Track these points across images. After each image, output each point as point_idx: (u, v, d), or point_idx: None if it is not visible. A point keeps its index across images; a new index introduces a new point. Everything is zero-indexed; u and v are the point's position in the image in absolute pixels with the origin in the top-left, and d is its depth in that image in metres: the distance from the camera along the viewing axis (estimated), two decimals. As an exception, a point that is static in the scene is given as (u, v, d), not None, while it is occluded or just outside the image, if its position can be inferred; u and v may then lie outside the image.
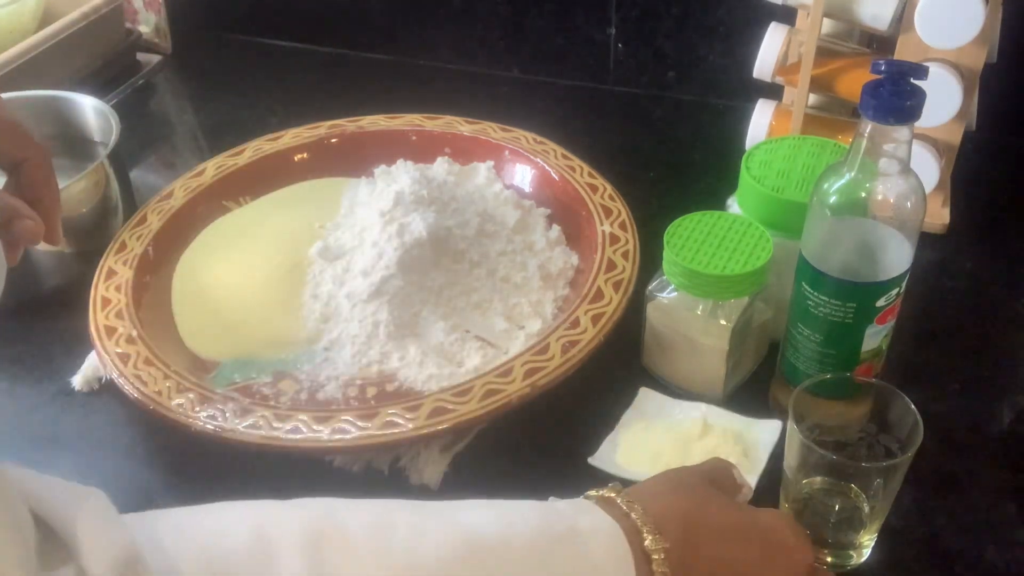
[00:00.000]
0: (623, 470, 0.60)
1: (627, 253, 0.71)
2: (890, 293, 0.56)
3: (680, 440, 0.62)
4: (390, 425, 0.58)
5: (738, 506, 0.51)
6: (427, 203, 0.72)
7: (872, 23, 0.75)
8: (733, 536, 0.48)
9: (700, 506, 0.48)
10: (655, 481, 0.51)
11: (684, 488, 0.50)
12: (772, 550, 0.48)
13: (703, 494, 0.50)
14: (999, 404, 0.66)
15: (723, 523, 0.48)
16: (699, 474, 0.52)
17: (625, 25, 1.00)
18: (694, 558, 0.46)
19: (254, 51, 1.13)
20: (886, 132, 0.51)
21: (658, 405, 0.65)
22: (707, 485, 0.51)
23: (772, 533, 0.49)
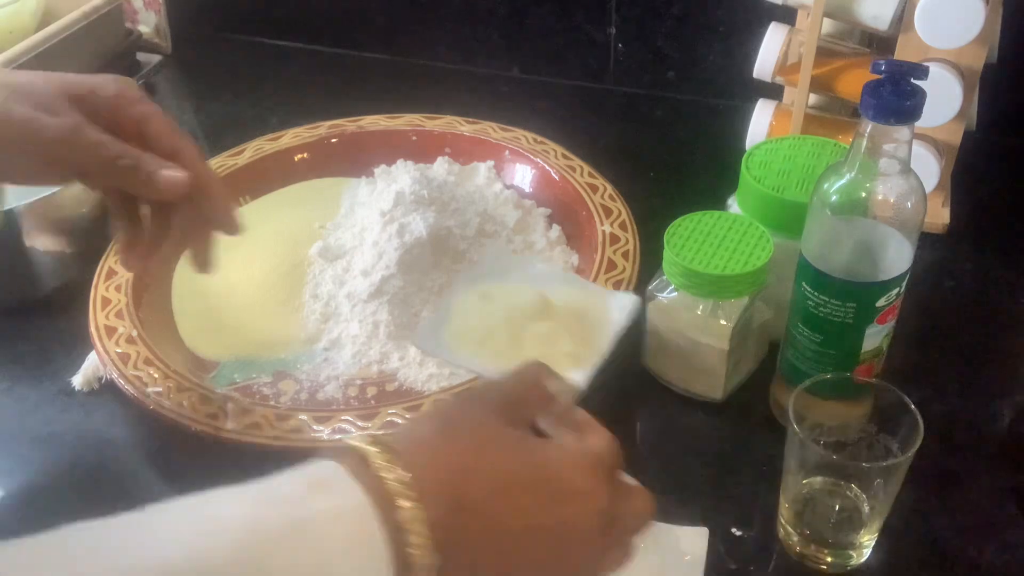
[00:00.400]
0: (449, 351, 0.54)
1: (627, 253, 0.71)
2: (890, 293, 0.56)
3: (515, 321, 0.55)
4: (390, 425, 0.58)
5: (525, 445, 0.42)
6: (427, 203, 0.72)
7: (872, 23, 0.75)
8: (515, 487, 0.40)
9: (478, 452, 0.40)
10: (426, 422, 0.43)
11: (460, 431, 0.42)
12: (562, 498, 0.41)
13: (483, 435, 0.42)
14: (999, 404, 0.66)
15: (504, 472, 0.40)
16: (486, 403, 0.44)
17: (625, 25, 1.00)
18: (466, 522, 0.39)
19: (254, 51, 1.13)
20: (886, 132, 0.51)
21: (503, 266, 0.59)
22: (494, 418, 0.43)
23: (563, 477, 0.41)
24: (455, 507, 0.38)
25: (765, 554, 0.57)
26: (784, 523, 0.56)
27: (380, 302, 0.66)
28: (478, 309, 0.56)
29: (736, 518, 0.58)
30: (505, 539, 0.40)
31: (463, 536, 0.39)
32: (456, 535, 0.38)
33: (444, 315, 0.56)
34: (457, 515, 0.38)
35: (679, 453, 0.63)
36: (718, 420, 0.65)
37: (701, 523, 0.57)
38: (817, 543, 0.55)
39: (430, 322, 0.55)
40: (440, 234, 0.70)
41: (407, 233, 0.69)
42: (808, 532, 0.55)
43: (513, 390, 0.45)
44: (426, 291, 0.68)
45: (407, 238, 0.68)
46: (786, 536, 0.57)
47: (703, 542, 0.56)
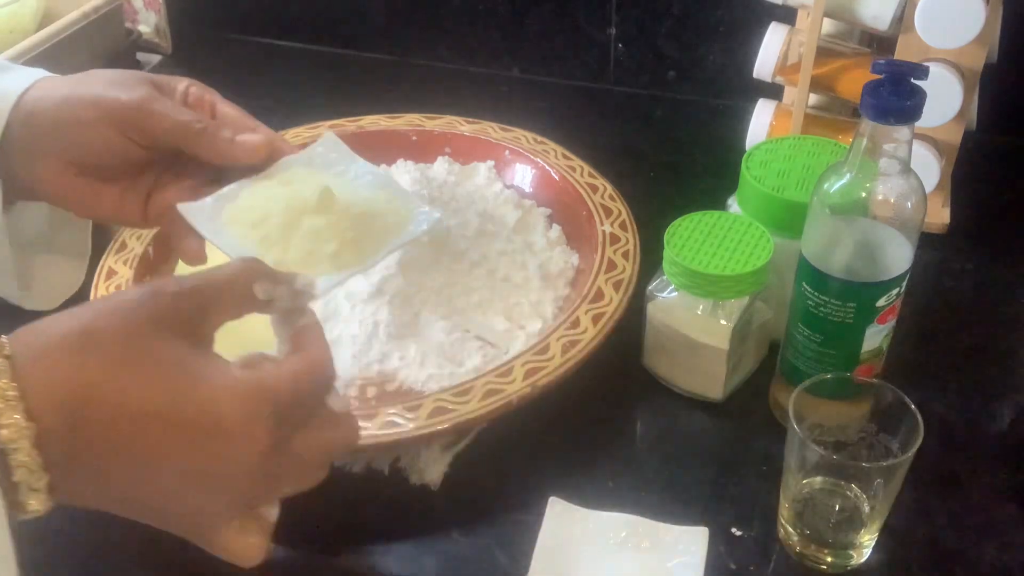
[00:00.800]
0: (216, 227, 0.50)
1: (627, 253, 0.71)
2: (890, 293, 0.56)
3: (294, 210, 0.51)
4: (390, 425, 0.58)
5: (179, 369, 0.37)
6: (427, 203, 0.72)
7: (872, 23, 0.75)
8: (150, 421, 0.36)
9: (112, 375, 0.36)
10: (65, 323, 0.37)
11: (100, 343, 0.36)
12: (207, 440, 0.37)
13: (129, 351, 0.36)
14: (999, 404, 0.66)
15: (140, 403, 0.36)
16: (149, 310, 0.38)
17: (625, 25, 1.00)
18: (85, 446, 0.35)
19: (254, 51, 1.13)
20: (886, 132, 0.51)
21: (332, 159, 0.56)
22: (152, 329, 0.37)
23: (212, 416, 0.37)
24: (72, 428, 0.35)
25: (765, 554, 0.57)
26: (784, 523, 0.56)
27: (380, 302, 0.66)
28: (267, 191, 0.53)
29: (736, 518, 0.58)
30: (134, 468, 0.36)
31: (82, 458, 0.35)
32: (73, 455, 0.35)
33: (237, 190, 0.52)
34: (75, 436, 0.35)
35: (679, 453, 0.63)
36: (718, 420, 0.65)
37: (701, 523, 0.57)
38: (817, 543, 0.55)
39: (220, 195, 0.52)
40: (440, 234, 0.70)
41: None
42: (808, 532, 0.55)
43: (195, 293, 0.40)
44: (426, 291, 0.68)
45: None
46: (786, 536, 0.57)
47: (703, 542, 0.56)
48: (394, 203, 0.55)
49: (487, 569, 0.56)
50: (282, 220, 0.51)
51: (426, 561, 0.57)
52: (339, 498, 0.61)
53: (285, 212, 0.51)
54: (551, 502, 0.58)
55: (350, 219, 0.52)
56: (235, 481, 0.38)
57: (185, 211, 0.52)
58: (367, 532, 0.59)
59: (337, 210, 0.52)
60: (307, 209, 0.51)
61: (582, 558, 0.56)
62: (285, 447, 0.39)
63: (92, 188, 0.53)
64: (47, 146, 0.52)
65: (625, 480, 0.61)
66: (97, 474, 0.36)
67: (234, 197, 0.53)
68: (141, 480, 0.37)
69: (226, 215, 0.52)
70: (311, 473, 0.42)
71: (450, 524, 0.59)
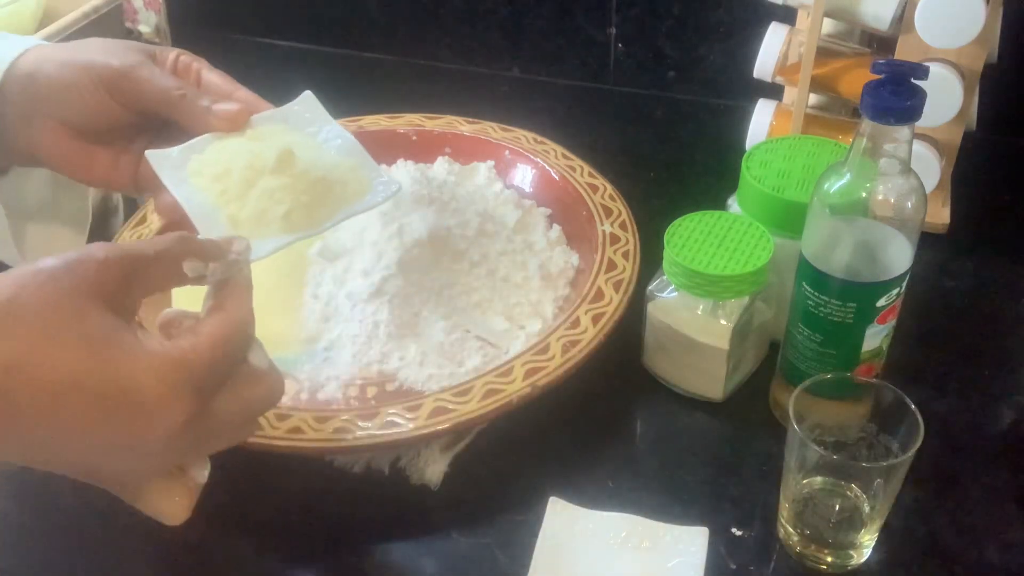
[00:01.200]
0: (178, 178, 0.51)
1: (627, 253, 0.71)
2: (891, 293, 0.56)
3: (254, 167, 0.52)
4: (390, 425, 0.58)
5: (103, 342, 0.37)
6: (427, 203, 0.72)
7: (873, 23, 0.75)
8: (71, 393, 0.36)
9: (33, 346, 0.36)
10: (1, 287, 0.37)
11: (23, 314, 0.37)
12: (120, 411, 0.37)
13: (52, 323, 0.37)
14: (999, 404, 0.66)
15: (61, 375, 0.36)
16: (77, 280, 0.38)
17: (625, 25, 1.00)
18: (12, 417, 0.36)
19: (254, 51, 1.13)
20: (886, 132, 0.51)
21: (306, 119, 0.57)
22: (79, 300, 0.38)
23: (132, 390, 0.37)
24: None
25: (765, 554, 0.57)
26: (784, 523, 0.56)
27: (380, 302, 0.66)
28: (235, 146, 0.53)
29: (736, 518, 0.58)
30: (56, 437, 0.37)
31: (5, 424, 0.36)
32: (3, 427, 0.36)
33: (206, 143, 0.53)
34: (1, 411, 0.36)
35: (679, 453, 0.63)
36: (718, 420, 0.65)
37: (701, 523, 0.57)
38: (817, 543, 0.55)
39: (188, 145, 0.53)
40: (440, 234, 0.70)
41: (407, 233, 0.69)
42: (808, 532, 0.55)
43: (123, 263, 0.40)
44: (426, 291, 0.68)
45: (407, 238, 0.68)
46: (786, 536, 0.57)
47: (703, 542, 0.56)
48: (357, 172, 0.55)
49: (487, 569, 0.56)
50: (241, 177, 0.51)
51: (426, 561, 0.57)
52: (339, 498, 0.61)
53: (245, 169, 0.52)
54: (551, 502, 0.58)
55: (307, 183, 0.52)
56: (157, 451, 0.39)
57: (152, 157, 0.52)
58: (367, 532, 0.59)
59: (295, 172, 0.52)
60: (266, 169, 0.52)
61: (582, 558, 0.56)
62: (206, 412, 0.40)
63: (86, 151, 0.55)
64: (44, 108, 0.53)
65: (625, 480, 0.61)
66: (20, 439, 0.37)
67: (201, 149, 0.53)
68: (65, 448, 0.38)
69: (191, 166, 0.52)
70: (236, 432, 0.43)
71: (450, 524, 0.59)
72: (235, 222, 0.51)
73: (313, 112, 0.58)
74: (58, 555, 0.58)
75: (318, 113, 0.58)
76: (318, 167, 0.53)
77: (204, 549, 0.58)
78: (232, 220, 0.51)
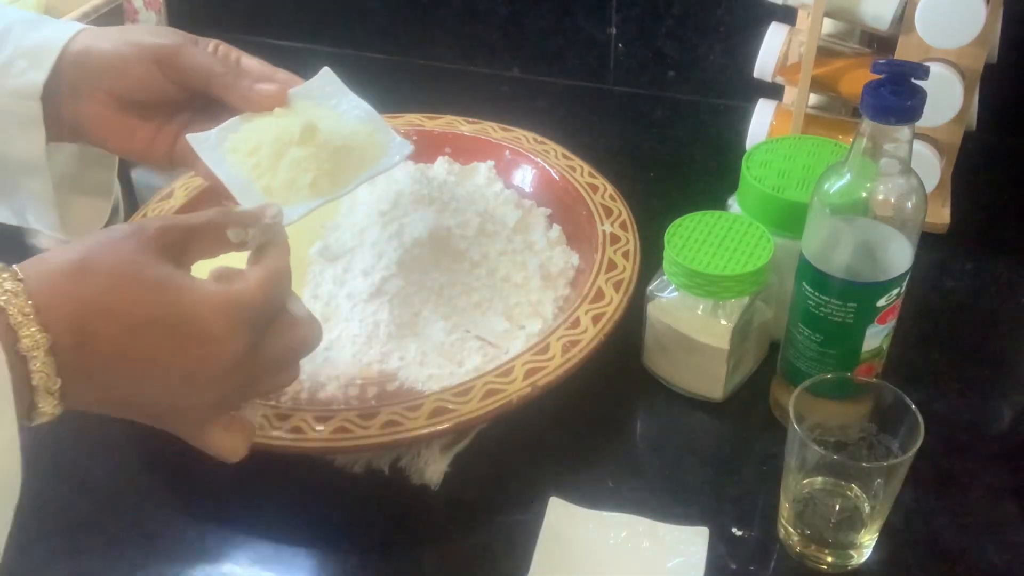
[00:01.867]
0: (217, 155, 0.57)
1: (627, 253, 0.71)
2: (891, 293, 0.56)
3: (281, 141, 0.57)
4: (391, 425, 0.58)
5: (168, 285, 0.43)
6: (427, 203, 0.72)
7: (873, 23, 0.75)
8: (144, 329, 0.42)
9: (110, 291, 0.41)
10: (65, 260, 0.42)
11: (99, 265, 0.42)
12: (193, 344, 0.43)
13: (124, 272, 0.42)
14: (999, 404, 0.66)
15: (135, 313, 0.42)
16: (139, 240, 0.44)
17: (625, 25, 1.00)
18: (90, 353, 0.41)
19: (254, 51, 1.12)
20: (887, 132, 0.51)
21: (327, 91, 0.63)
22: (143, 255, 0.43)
23: (197, 323, 0.43)
24: (80, 339, 0.40)
25: (765, 554, 0.57)
26: (784, 523, 0.56)
27: (380, 302, 0.66)
28: (264, 123, 0.59)
29: (736, 518, 0.58)
30: (134, 372, 0.42)
31: (89, 366, 0.41)
32: (81, 364, 0.41)
33: (239, 123, 0.59)
34: (82, 346, 0.41)
35: (679, 453, 0.64)
36: (718, 420, 0.65)
37: (701, 523, 0.57)
38: (817, 543, 0.55)
39: (223, 127, 0.59)
40: (440, 234, 0.70)
41: (407, 233, 0.69)
42: (808, 532, 0.55)
43: (177, 229, 0.46)
44: (426, 291, 0.68)
45: (407, 238, 0.68)
46: (786, 536, 0.57)
47: (703, 542, 0.56)
48: (373, 137, 0.60)
49: (487, 569, 0.56)
50: (271, 150, 0.57)
51: (426, 561, 0.57)
52: (339, 498, 0.61)
53: (274, 143, 0.57)
54: (551, 502, 0.59)
55: (329, 151, 0.57)
56: (219, 381, 0.44)
57: (192, 141, 0.58)
58: (367, 532, 0.59)
59: (318, 143, 0.57)
60: (292, 141, 0.57)
61: (582, 558, 0.56)
62: (258, 348, 0.45)
63: (129, 126, 0.59)
64: (96, 82, 0.57)
65: (625, 480, 0.61)
66: (102, 378, 0.42)
67: (236, 128, 0.58)
68: (139, 382, 0.43)
69: (228, 144, 0.58)
70: (282, 373, 0.48)
71: (450, 524, 0.59)
72: (269, 192, 0.57)
73: (333, 86, 0.63)
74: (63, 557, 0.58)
75: (337, 87, 0.63)
76: (338, 136, 0.59)
77: (204, 549, 0.58)
78: (266, 190, 0.57)
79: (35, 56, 0.56)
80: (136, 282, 0.42)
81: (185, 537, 0.59)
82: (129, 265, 0.42)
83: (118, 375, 0.42)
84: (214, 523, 0.60)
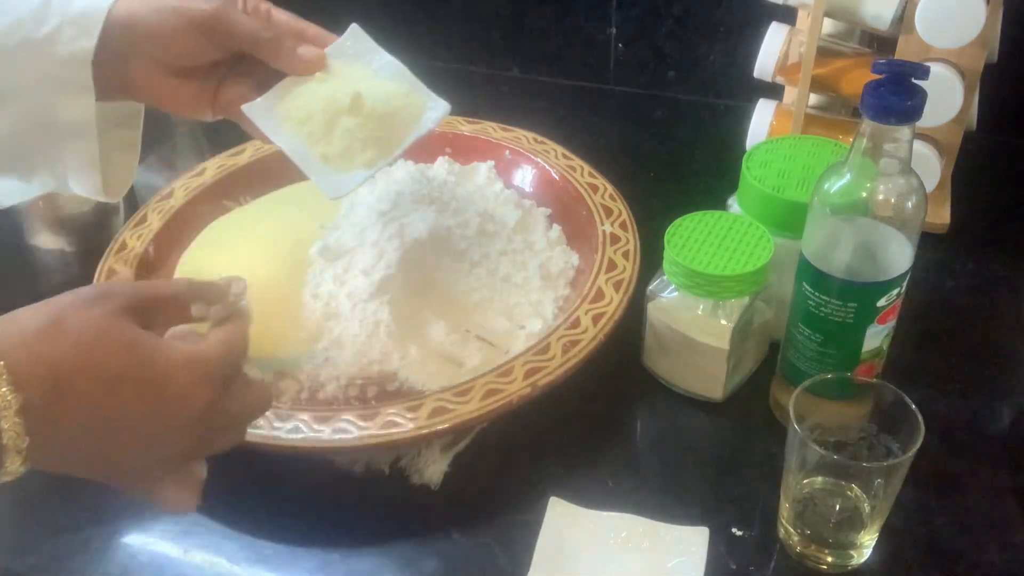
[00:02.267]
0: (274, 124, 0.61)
1: (628, 253, 0.71)
2: (891, 293, 0.56)
3: (331, 111, 0.61)
4: (391, 425, 0.58)
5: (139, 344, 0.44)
6: (427, 203, 0.72)
7: (873, 23, 0.75)
8: (116, 386, 0.43)
9: (84, 351, 0.43)
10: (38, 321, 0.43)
11: (71, 326, 0.43)
12: (162, 399, 0.44)
13: (97, 332, 0.43)
14: (999, 404, 0.66)
15: (109, 370, 0.43)
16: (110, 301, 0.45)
17: (625, 25, 1.00)
18: (63, 411, 0.42)
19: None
20: (887, 132, 0.51)
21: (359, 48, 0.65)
22: (113, 315, 0.44)
23: (165, 379, 0.44)
24: (53, 397, 0.41)
25: (765, 554, 0.57)
26: (784, 523, 0.56)
27: (381, 302, 0.66)
28: (310, 90, 0.62)
29: (736, 518, 0.58)
30: (104, 427, 0.43)
31: (59, 423, 0.42)
32: (51, 422, 0.42)
33: (285, 89, 0.62)
34: (54, 404, 0.41)
35: (679, 453, 0.64)
36: (718, 420, 0.65)
37: (701, 523, 0.57)
38: (817, 543, 0.55)
39: (271, 95, 0.62)
40: (440, 234, 0.70)
41: (407, 233, 0.69)
42: (808, 532, 0.55)
43: (149, 295, 0.47)
44: (426, 291, 0.68)
45: (407, 238, 0.68)
46: (786, 536, 0.57)
47: (703, 542, 0.56)
48: (411, 97, 0.64)
49: (487, 569, 0.56)
50: (323, 119, 0.61)
51: (426, 561, 0.57)
52: (339, 498, 0.61)
53: (324, 112, 0.61)
54: (551, 502, 0.59)
55: (376, 119, 0.61)
56: (180, 435, 0.45)
57: (248, 111, 0.62)
58: (367, 532, 0.59)
59: (366, 112, 0.61)
60: (342, 111, 0.61)
61: (582, 558, 0.56)
62: (216, 406, 0.46)
63: (175, 86, 0.62)
64: (142, 51, 0.60)
65: (625, 480, 0.61)
66: (70, 436, 0.43)
67: (284, 95, 0.62)
68: (107, 438, 0.44)
69: (280, 111, 0.62)
70: (234, 432, 0.49)
71: (450, 524, 0.59)
72: (327, 160, 0.61)
73: (363, 43, 0.66)
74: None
75: (368, 44, 0.66)
76: (383, 102, 0.62)
77: (205, 548, 0.58)
78: (324, 158, 0.61)
79: (82, 24, 0.58)
80: (109, 340, 0.43)
81: (185, 537, 0.59)
82: (102, 325, 0.44)
83: (87, 432, 0.43)
84: (214, 523, 0.60)
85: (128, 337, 0.44)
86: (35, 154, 0.62)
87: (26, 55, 0.58)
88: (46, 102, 0.59)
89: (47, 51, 0.58)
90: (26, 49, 0.58)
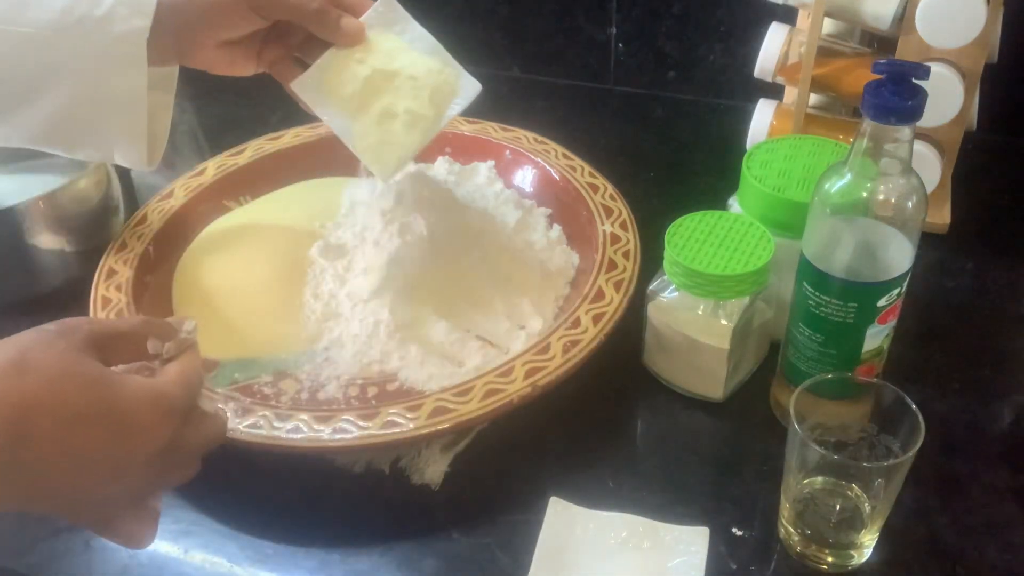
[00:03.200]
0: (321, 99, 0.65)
1: (628, 253, 0.71)
2: (891, 293, 0.56)
3: (370, 88, 0.64)
4: (391, 425, 0.58)
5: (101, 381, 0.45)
6: (428, 202, 0.72)
7: (873, 23, 0.75)
8: (81, 422, 0.43)
9: (50, 387, 0.43)
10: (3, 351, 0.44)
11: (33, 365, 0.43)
12: (125, 434, 0.45)
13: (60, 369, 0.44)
14: (999, 404, 0.66)
15: (75, 407, 0.43)
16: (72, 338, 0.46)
17: (625, 25, 1.00)
18: (28, 450, 0.42)
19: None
20: (887, 132, 0.51)
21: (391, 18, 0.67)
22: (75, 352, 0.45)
23: (129, 415, 0.45)
24: (18, 435, 0.42)
25: (765, 554, 0.57)
26: (785, 523, 0.56)
27: (381, 301, 0.66)
28: (349, 64, 0.65)
29: (736, 518, 0.58)
30: (69, 464, 0.43)
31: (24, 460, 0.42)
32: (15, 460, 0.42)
33: (326, 63, 0.65)
34: (19, 442, 0.42)
35: (679, 453, 0.63)
36: (718, 420, 0.65)
37: (701, 523, 0.57)
38: (818, 543, 0.55)
39: (315, 68, 0.65)
40: (440, 234, 0.70)
41: (408, 232, 0.69)
42: (809, 532, 0.55)
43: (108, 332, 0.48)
44: (427, 291, 0.68)
45: (408, 237, 0.68)
46: (787, 536, 0.57)
47: (703, 542, 0.56)
48: (444, 73, 0.66)
49: (487, 569, 0.56)
50: (363, 96, 0.64)
51: (426, 561, 0.57)
52: (339, 498, 0.61)
53: (363, 90, 0.64)
54: (551, 502, 0.59)
55: (414, 96, 0.64)
56: (142, 469, 0.46)
57: (296, 88, 0.66)
58: (367, 532, 0.59)
59: (406, 91, 0.64)
60: (383, 89, 0.64)
61: (582, 558, 0.56)
62: (178, 440, 0.47)
63: (226, 52, 0.67)
64: (196, 26, 0.64)
65: (625, 480, 0.61)
66: (34, 473, 0.43)
67: (326, 66, 0.65)
68: (71, 473, 0.44)
69: (324, 87, 0.65)
70: (190, 466, 0.49)
71: (450, 524, 0.59)
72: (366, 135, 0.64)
73: (395, 12, 0.68)
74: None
75: (399, 13, 0.68)
76: (420, 80, 0.65)
77: (205, 548, 0.58)
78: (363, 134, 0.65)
79: (135, 4, 0.62)
80: (74, 376, 0.44)
81: (185, 537, 0.59)
82: (66, 360, 0.44)
83: (52, 468, 0.43)
84: (214, 523, 0.60)
85: (92, 373, 0.44)
86: (85, 127, 0.66)
87: (82, 33, 0.62)
88: (100, 77, 0.63)
89: (103, 29, 0.62)
90: (82, 27, 0.61)
